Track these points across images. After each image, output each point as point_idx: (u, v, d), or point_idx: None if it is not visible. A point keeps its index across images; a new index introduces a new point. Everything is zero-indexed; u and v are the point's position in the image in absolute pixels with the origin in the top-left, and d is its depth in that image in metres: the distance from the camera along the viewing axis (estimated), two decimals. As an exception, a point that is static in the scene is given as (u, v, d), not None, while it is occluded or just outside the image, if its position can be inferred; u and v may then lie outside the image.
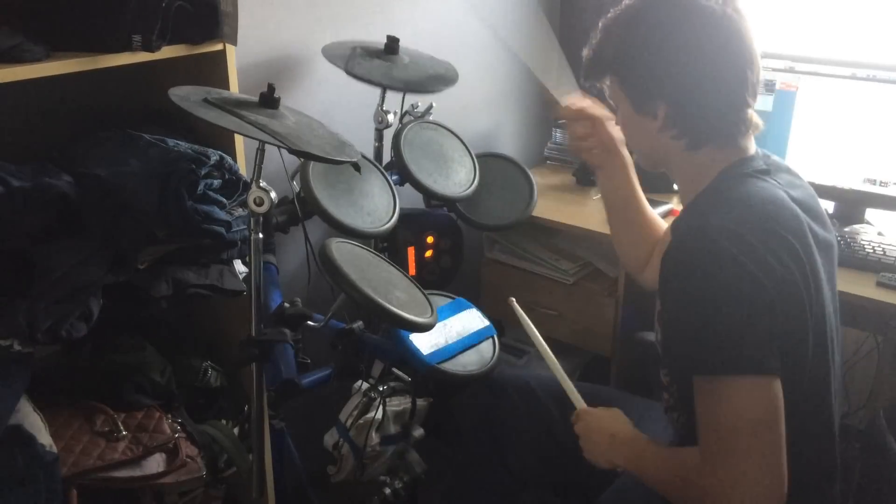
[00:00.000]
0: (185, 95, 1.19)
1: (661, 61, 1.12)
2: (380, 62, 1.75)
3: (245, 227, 1.37)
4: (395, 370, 1.63)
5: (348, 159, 1.30)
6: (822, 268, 1.12)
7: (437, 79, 1.81)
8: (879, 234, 1.91)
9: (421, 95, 1.87)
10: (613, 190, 1.50)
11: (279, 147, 1.19)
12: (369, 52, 1.76)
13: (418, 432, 1.67)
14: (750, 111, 1.15)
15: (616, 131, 1.43)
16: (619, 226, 1.54)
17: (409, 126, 1.82)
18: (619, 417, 1.29)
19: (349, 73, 1.68)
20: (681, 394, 1.21)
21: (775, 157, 1.23)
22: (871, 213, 2.00)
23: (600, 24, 1.20)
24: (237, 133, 1.30)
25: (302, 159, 1.52)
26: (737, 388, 1.02)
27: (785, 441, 1.03)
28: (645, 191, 2.25)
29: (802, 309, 1.08)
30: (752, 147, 1.19)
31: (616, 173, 1.47)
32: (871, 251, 1.79)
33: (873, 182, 1.94)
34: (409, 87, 1.76)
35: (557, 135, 2.53)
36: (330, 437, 1.76)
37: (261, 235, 1.33)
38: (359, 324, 1.53)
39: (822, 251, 1.13)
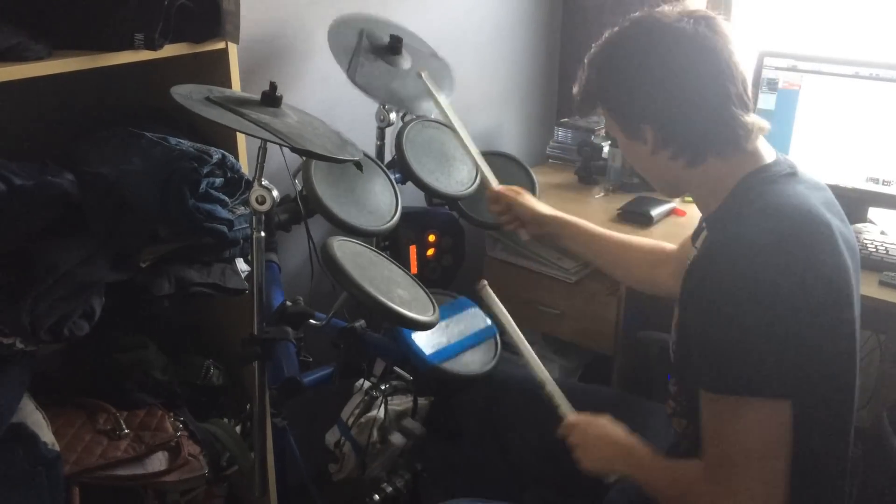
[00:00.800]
0: (187, 94, 1.19)
1: (639, 85, 1.14)
2: (383, 65, 1.74)
3: (247, 225, 1.37)
4: (396, 369, 1.63)
5: (350, 158, 1.30)
6: (852, 273, 1.11)
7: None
8: (882, 233, 1.91)
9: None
10: (572, 246, 1.62)
11: (281, 146, 1.19)
12: (373, 48, 1.75)
13: (419, 430, 1.67)
14: (747, 118, 1.13)
15: (531, 203, 1.61)
16: (604, 266, 1.63)
17: (411, 124, 1.82)
18: (614, 425, 1.28)
19: (351, 79, 1.67)
20: (690, 404, 1.21)
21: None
22: (873, 212, 2.00)
23: (585, 61, 1.23)
24: (239, 131, 1.30)
25: (304, 158, 1.52)
26: (751, 408, 1.02)
27: (788, 469, 1.03)
28: (645, 190, 2.24)
29: (833, 325, 1.06)
30: (770, 151, 1.17)
31: (561, 234, 1.60)
32: (874, 250, 1.78)
33: (876, 181, 1.93)
34: (403, 105, 1.76)
35: (559, 133, 2.53)
36: (331, 436, 1.76)
37: (263, 234, 1.33)
38: (360, 322, 1.53)
39: (850, 254, 1.11)
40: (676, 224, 2.09)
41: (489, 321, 1.68)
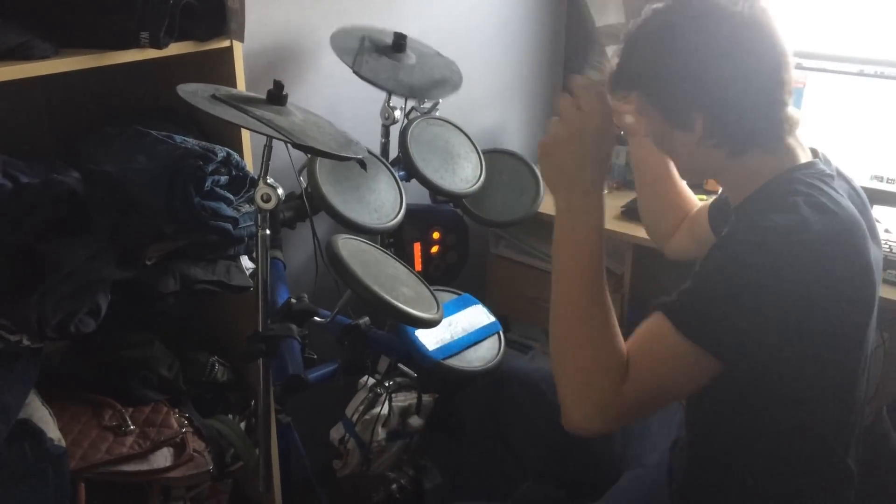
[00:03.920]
0: (193, 91, 1.20)
1: (692, 71, 1.07)
2: (387, 61, 1.75)
3: (252, 223, 1.37)
4: (400, 366, 1.64)
5: (353, 155, 1.30)
6: (877, 279, 1.10)
7: (442, 83, 1.82)
8: (886, 231, 1.91)
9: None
10: (645, 160, 1.45)
11: (285, 142, 1.20)
12: (377, 48, 1.76)
13: (417, 422, 1.67)
14: (789, 109, 1.12)
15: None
16: (648, 197, 1.50)
17: (415, 122, 1.82)
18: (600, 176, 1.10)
19: (356, 73, 1.68)
20: None
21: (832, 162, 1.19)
22: (877, 210, 1.99)
23: (624, 38, 1.15)
24: (244, 127, 1.31)
25: (309, 155, 1.52)
26: (691, 353, 1.00)
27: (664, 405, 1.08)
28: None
29: (843, 326, 1.07)
30: (806, 149, 1.16)
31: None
32: (878, 248, 1.78)
33: (880, 179, 1.93)
34: (413, 93, 1.77)
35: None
36: (336, 432, 1.77)
37: (268, 231, 1.33)
38: (365, 319, 1.53)
39: (876, 265, 1.11)
40: (680, 222, 2.09)
41: (493, 317, 1.69)
